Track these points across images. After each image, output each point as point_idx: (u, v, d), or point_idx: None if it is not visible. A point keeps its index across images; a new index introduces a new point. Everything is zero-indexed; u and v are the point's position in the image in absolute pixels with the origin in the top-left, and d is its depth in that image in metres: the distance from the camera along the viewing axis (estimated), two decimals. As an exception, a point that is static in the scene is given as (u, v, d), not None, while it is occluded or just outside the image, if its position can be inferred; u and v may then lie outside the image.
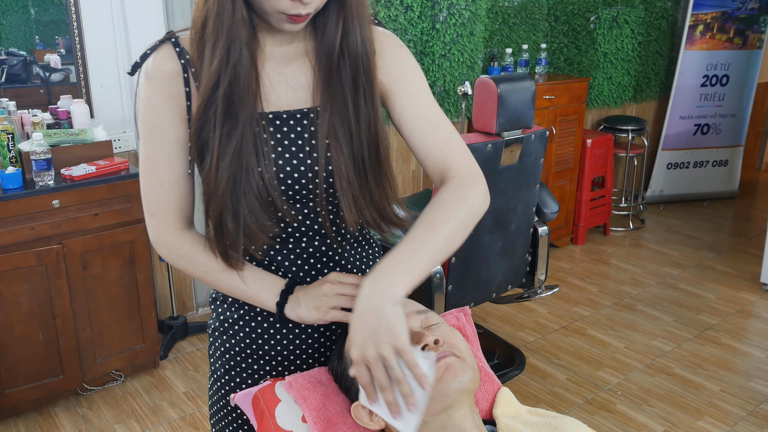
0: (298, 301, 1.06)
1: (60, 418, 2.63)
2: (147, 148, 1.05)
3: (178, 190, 1.06)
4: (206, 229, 1.05)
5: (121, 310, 2.73)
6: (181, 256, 1.08)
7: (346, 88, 1.02)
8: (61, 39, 2.95)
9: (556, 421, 1.07)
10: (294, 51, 1.05)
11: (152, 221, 1.08)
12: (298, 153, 1.04)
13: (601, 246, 4.43)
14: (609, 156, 4.40)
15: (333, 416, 1.04)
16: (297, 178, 1.04)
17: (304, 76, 1.06)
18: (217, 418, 1.23)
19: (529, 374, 2.94)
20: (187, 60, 1.02)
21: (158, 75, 1.02)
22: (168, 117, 1.03)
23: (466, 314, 1.24)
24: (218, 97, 0.97)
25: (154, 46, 1.03)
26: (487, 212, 2.07)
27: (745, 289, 3.81)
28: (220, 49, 0.95)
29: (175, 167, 1.05)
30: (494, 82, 2.42)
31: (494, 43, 4.14)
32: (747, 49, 4.98)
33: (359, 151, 1.04)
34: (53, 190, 2.46)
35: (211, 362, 1.22)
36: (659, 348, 3.17)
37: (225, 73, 0.96)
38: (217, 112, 0.97)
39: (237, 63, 0.96)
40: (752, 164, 6.15)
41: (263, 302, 1.08)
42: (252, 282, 1.07)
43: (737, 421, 2.63)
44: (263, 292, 1.07)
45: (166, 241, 1.08)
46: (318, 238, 1.11)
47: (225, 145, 0.98)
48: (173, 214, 1.07)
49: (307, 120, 1.05)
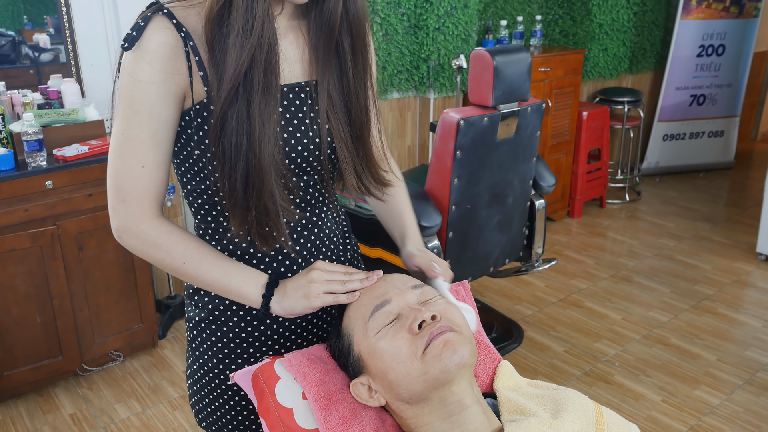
0: (285, 292, 1.04)
1: (60, 399, 2.63)
2: (130, 128, 0.97)
3: (159, 173, 1.01)
4: (235, 210, 1.00)
5: (118, 290, 2.72)
6: (158, 246, 1.03)
7: (346, 58, 1.04)
8: (49, 18, 2.90)
9: (556, 393, 1.07)
10: (289, 25, 1.04)
11: (123, 207, 1.01)
12: (300, 126, 1.04)
13: (597, 219, 4.44)
14: (605, 128, 4.38)
15: (333, 393, 1.04)
16: (300, 151, 1.04)
17: (299, 50, 1.05)
18: (207, 411, 1.19)
19: (527, 347, 2.96)
20: (186, 33, 0.97)
21: (159, 49, 0.95)
22: (163, 96, 0.97)
23: (466, 288, 1.23)
24: (256, 75, 0.94)
25: (147, 18, 0.96)
26: (484, 186, 2.11)
27: (741, 259, 3.82)
28: (255, 29, 0.93)
29: (160, 149, 1.00)
30: (490, 54, 2.39)
31: (489, 15, 4.09)
32: (743, 18, 4.94)
33: (357, 116, 1.07)
34: (46, 171, 2.44)
35: (194, 357, 1.17)
36: (656, 319, 3.18)
37: (260, 51, 0.94)
38: (254, 92, 0.95)
39: (272, 39, 0.95)
40: (748, 134, 6.14)
41: (247, 295, 1.05)
42: (235, 275, 1.05)
43: (734, 389, 2.65)
44: (247, 286, 1.05)
45: (140, 229, 1.02)
46: (309, 210, 1.11)
47: (265, 123, 0.96)
48: (151, 200, 1.01)
49: (305, 93, 1.05)
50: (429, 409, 0.98)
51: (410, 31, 3.66)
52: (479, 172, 2.48)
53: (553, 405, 1.04)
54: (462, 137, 2.37)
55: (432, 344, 0.95)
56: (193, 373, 1.18)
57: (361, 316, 1.02)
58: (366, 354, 1.00)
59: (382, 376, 0.98)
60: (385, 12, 3.50)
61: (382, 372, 0.98)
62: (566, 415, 1.00)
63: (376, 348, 0.99)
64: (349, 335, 1.04)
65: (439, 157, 2.44)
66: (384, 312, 1.01)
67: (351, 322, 1.04)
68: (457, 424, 0.97)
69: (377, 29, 3.50)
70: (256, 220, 1.00)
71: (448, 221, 2.47)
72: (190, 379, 1.20)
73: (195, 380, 1.19)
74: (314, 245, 1.13)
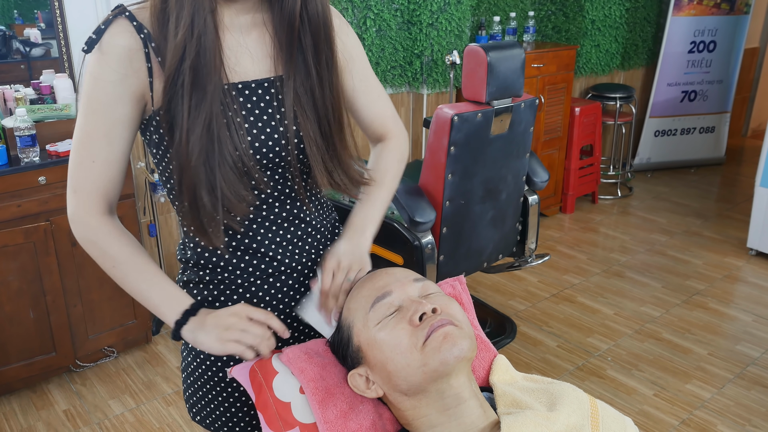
0: (203, 325, 1.04)
1: (54, 395, 2.63)
2: (87, 123, 1.01)
3: (109, 171, 1.03)
4: (179, 206, 1.03)
5: (112, 286, 2.71)
6: (93, 242, 1.06)
7: (308, 55, 1.05)
8: (40, 13, 2.88)
9: (551, 386, 1.08)
10: (252, 21, 1.05)
11: (74, 197, 1.04)
12: (270, 122, 1.05)
13: (589, 214, 4.46)
14: (597, 124, 4.40)
15: (331, 386, 1.04)
16: (271, 147, 1.05)
17: (265, 46, 1.06)
18: (201, 405, 1.19)
19: (521, 342, 2.97)
20: (146, 34, 0.99)
21: (116, 50, 0.98)
22: (118, 95, 0.99)
23: (462, 283, 1.24)
24: (185, 68, 0.95)
25: (108, 21, 0.99)
26: (478, 182, 2.09)
27: (731, 254, 3.85)
28: (185, 20, 0.94)
29: (113, 147, 1.02)
30: (484, 50, 2.40)
31: (482, 11, 4.10)
32: (734, 14, 4.97)
33: (324, 115, 1.08)
34: (39, 167, 2.43)
35: (188, 351, 1.18)
36: (648, 314, 3.21)
37: (191, 44, 0.95)
38: (185, 85, 0.96)
39: (202, 33, 0.95)
40: (738, 130, 6.18)
41: (163, 315, 1.06)
42: (158, 292, 1.06)
43: (725, 383, 2.68)
44: (165, 306, 1.06)
45: (84, 220, 1.05)
46: (289, 203, 1.12)
47: (194, 117, 0.97)
48: (98, 196, 1.04)
49: (274, 89, 1.06)
50: (426, 402, 0.98)
51: (403, 27, 3.66)
52: (473, 167, 2.49)
53: (549, 398, 1.05)
54: (456, 133, 2.38)
55: (432, 336, 0.96)
56: (187, 367, 1.19)
57: (362, 307, 1.03)
58: (365, 345, 1.01)
59: (381, 367, 0.99)
60: (378, 8, 3.50)
61: (381, 363, 0.99)
62: (562, 408, 1.01)
63: (376, 339, 0.99)
64: (349, 326, 1.04)
65: (433, 152, 2.44)
66: (385, 303, 1.02)
67: (351, 314, 1.05)
68: (454, 417, 0.98)
69: (370, 25, 3.50)
70: (190, 212, 1.01)
71: (442, 217, 2.48)
72: (185, 373, 1.21)
73: (188, 374, 1.19)
74: (300, 238, 1.14)
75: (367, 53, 3.56)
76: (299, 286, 1.16)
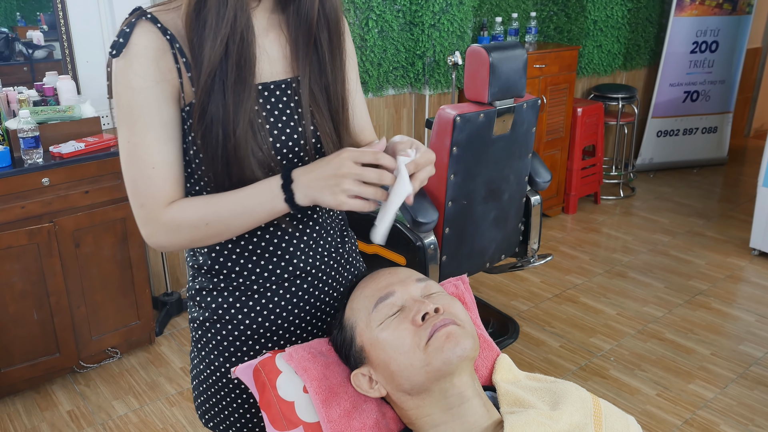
0: (308, 186, 0.96)
1: (57, 396, 2.63)
2: (133, 134, 0.98)
3: (172, 173, 1.00)
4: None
5: (115, 287, 2.72)
6: (179, 228, 1.00)
7: (324, 53, 1.06)
8: (42, 15, 2.89)
9: (555, 385, 1.08)
10: (269, 23, 1.06)
11: (142, 212, 1.00)
12: (289, 122, 1.06)
13: (592, 214, 4.46)
14: (599, 124, 4.40)
15: (334, 386, 1.05)
16: (291, 147, 1.06)
17: (281, 48, 1.07)
18: (214, 411, 1.19)
19: (523, 342, 2.97)
20: (171, 35, 0.98)
21: (147, 53, 0.96)
22: (157, 98, 0.97)
23: (465, 282, 1.24)
24: (230, 65, 0.96)
25: (132, 24, 0.97)
26: (480, 182, 2.06)
27: (734, 254, 3.84)
28: (228, 17, 0.95)
29: (168, 148, 0.99)
30: (486, 51, 2.40)
31: (484, 12, 4.10)
32: (736, 14, 4.96)
33: (336, 111, 1.09)
34: (42, 168, 2.43)
35: (200, 357, 1.17)
36: (651, 314, 3.21)
37: (233, 41, 0.96)
38: (227, 82, 0.96)
39: (245, 29, 0.97)
40: (741, 130, 6.17)
41: (273, 208, 0.99)
42: (251, 200, 0.99)
43: (727, 383, 2.68)
44: (267, 202, 0.98)
45: (160, 224, 1.00)
46: None
47: (239, 113, 0.97)
48: (167, 200, 1.00)
49: (291, 90, 1.06)
50: (430, 401, 0.99)
51: (406, 28, 3.67)
52: (475, 168, 2.49)
53: (552, 397, 1.05)
54: (458, 133, 2.38)
55: (435, 336, 0.96)
56: (199, 374, 1.18)
57: (365, 307, 1.03)
58: (368, 345, 1.01)
59: (384, 366, 0.99)
60: (380, 8, 3.51)
61: (384, 363, 0.99)
62: (565, 407, 1.01)
63: (378, 339, 1.00)
64: (352, 326, 1.04)
65: (435, 153, 2.44)
66: (387, 304, 1.02)
67: (354, 314, 1.05)
68: (457, 416, 0.98)
69: (372, 26, 3.51)
70: None
71: (445, 217, 2.48)
72: (196, 380, 1.20)
73: (201, 381, 1.18)
74: (311, 238, 1.14)
75: (370, 54, 3.56)
76: (314, 290, 1.15)
